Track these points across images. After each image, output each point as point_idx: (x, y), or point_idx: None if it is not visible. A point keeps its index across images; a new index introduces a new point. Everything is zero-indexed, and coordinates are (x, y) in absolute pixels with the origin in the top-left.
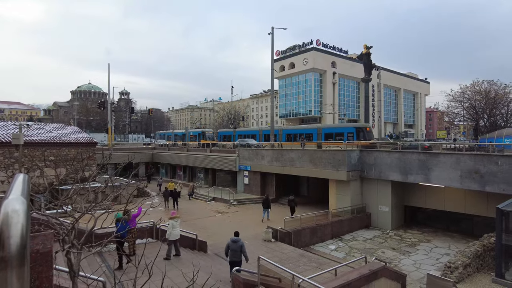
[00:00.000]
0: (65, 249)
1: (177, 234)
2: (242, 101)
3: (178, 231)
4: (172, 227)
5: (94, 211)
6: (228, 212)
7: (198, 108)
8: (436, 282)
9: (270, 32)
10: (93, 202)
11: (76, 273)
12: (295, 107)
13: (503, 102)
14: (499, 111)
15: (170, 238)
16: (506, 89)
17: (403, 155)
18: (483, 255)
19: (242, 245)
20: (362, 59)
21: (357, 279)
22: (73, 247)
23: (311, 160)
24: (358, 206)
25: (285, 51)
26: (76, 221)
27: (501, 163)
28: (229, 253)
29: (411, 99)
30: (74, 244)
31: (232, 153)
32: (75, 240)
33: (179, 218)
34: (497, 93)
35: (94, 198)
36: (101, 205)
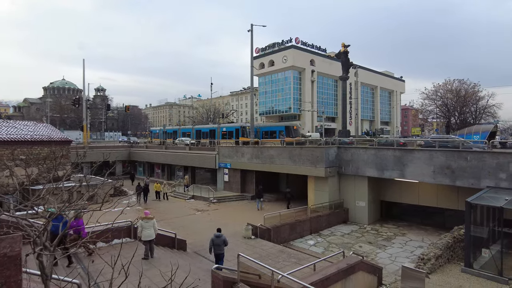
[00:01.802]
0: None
1: (148, 235)
2: (221, 98)
3: (150, 232)
4: (142, 228)
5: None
6: (208, 210)
7: (176, 105)
8: (410, 273)
9: (250, 29)
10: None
11: (48, 276)
12: (275, 105)
13: (472, 100)
14: (469, 109)
15: (142, 238)
16: (475, 88)
17: (379, 151)
18: (453, 247)
19: (225, 239)
20: (340, 57)
21: (335, 274)
22: (45, 249)
23: (291, 157)
24: (336, 202)
25: (265, 49)
26: (48, 222)
27: (470, 158)
28: (213, 247)
29: (387, 97)
30: (46, 246)
31: (212, 151)
32: (48, 242)
33: (151, 219)
34: (467, 92)
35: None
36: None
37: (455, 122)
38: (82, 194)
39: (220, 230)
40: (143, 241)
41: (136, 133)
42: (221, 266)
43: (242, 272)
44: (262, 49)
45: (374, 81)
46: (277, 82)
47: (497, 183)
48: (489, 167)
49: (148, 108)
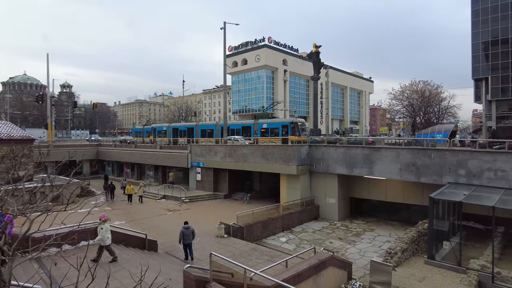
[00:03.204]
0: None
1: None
2: (194, 96)
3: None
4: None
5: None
6: (180, 210)
7: (147, 103)
8: (378, 267)
9: (222, 27)
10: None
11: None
12: (248, 103)
13: (436, 101)
14: (433, 109)
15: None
16: (438, 89)
17: (348, 149)
18: (418, 240)
19: (193, 230)
20: (311, 57)
21: (307, 269)
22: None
23: (263, 155)
24: (308, 199)
25: (238, 47)
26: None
27: (433, 156)
28: (183, 238)
29: (357, 97)
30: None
31: (184, 149)
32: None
33: (106, 222)
34: (431, 93)
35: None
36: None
37: (420, 122)
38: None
39: (187, 223)
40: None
41: (104, 132)
42: (193, 266)
43: (214, 271)
44: (235, 47)
45: (344, 82)
46: (250, 81)
47: (457, 179)
48: (450, 164)
49: (117, 106)
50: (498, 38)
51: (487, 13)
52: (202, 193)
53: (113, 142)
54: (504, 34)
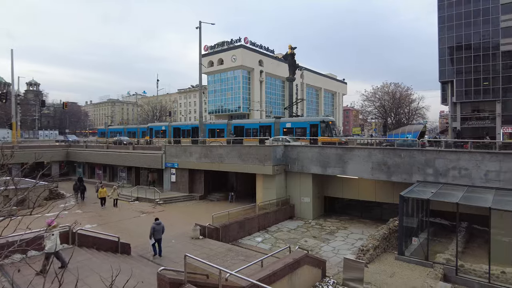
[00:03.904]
0: None
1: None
2: (169, 95)
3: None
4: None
5: None
6: (154, 211)
7: (120, 102)
8: (351, 264)
9: (198, 27)
10: None
11: None
12: (224, 103)
13: (406, 102)
14: (403, 110)
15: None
16: (408, 91)
17: (322, 149)
18: (389, 237)
19: (163, 226)
20: (287, 59)
21: (282, 268)
22: None
23: (240, 155)
24: (283, 199)
25: (214, 47)
26: None
27: (403, 156)
28: (154, 233)
29: (331, 98)
30: None
31: (158, 150)
32: None
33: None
34: (402, 95)
35: None
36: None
37: (391, 122)
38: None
39: (158, 219)
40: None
41: (75, 132)
42: (167, 268)
43: (189, 273)
44: (211, 47)
45: (319, 83)
46: (226, 81)
47: (425, 178)
48: (419, 163)
49: (88, 105)
50: (462, 44)
51: (452, 19)
52: (177, 194)
53: (84, 143)
54: (467, 40)
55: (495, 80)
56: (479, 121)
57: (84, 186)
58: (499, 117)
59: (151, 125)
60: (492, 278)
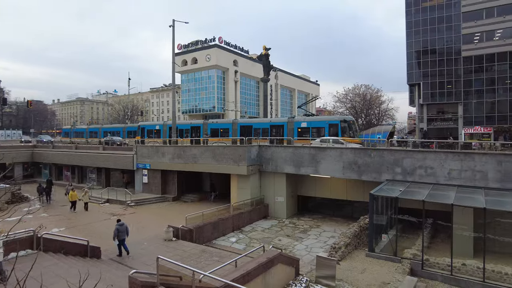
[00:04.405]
0: None
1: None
2: (141, 94)
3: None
4: None
5: None
6: (125, 214)
7: (89, 101)
8: (324, 262)
9: (171, 25)
10: None
11: None
12: (198, 103)
13: (376, 103)
14: (373, 111)
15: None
16: (378, 92)
17: (296, 149)
18: (360, 235)
19: (127, 227)
20: (261, 59)
21: (256, 268)
22: None
23: (214, 156)
24: (257, 198)
25: (188, 46)
26: None
27: (373, 155)
28: (118, 234)
29: (304, 99)
30: None
31: (129, 151)
32: None
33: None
34: (372, 96)
35: None
36: None
37: (362, 123)
38: None
39: (120, 220)
40: None
41: (41, 132)
42: (139, 271)
43: (162, 275)
44: (185, 46)
45: (293, 84)
46: (200, 81)
47: (394, 176)
48: (388, 163)
49: (55, 104)
50: (428, 49)
51: (419, 25)
52: (149, 196)
53: (50, 144)
54: (432, 45)
55: (458, 83)
56: (443, 122)
57: (50, 188)
58: (461, 119)
59: (142, 124)
60: (454, 270)
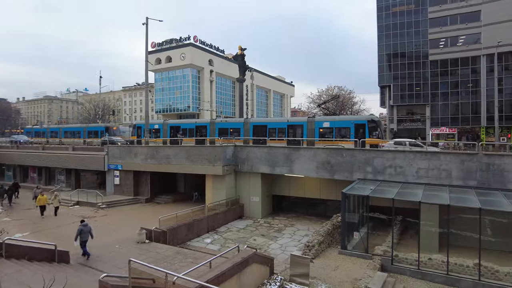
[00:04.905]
0: None
1: None
2: (113, 93)
3: None
4: None
5: None
6: (96, 216)
7: (58, 100)
8: (298, 260)
9: (145, 23)
10: None
11: None
12: (173, 102)
13: (349, 105)
14: (346, 112)
15: None
16: (351, 94)
17: (271, 149)
18: (333, 232)
19: (91, 228)
20: (237, 59)
21: (230, 268)
22: None
23: (188, 156)
24: (233, 199)
25: (162, 44)
26: None
27: (345, 155)
28: (81, 235)
29: (279, 99)
30: None
31: (100, 151)
32: None
33: None
34: (345, 98)
35: None
36: None
37: None
38: None
39: (84, 221)
40: None
41: (4, 131)
42: (111, 274)
43: (134, 278)
44: (159, 44)
45: (268, 85)
46: (174, 80)
47: (365, 175)
48: (359, 162)
49: (20, 102)
50: (398, 52)
51: (390, 29)
52: (121, 197)
53: (13, 144)
54: (402, 49)
55: (425, 86)
56: (412, 123)
57: (13, 190)
58: (428, 120)
59: (138, 123)
60: (420, 265)
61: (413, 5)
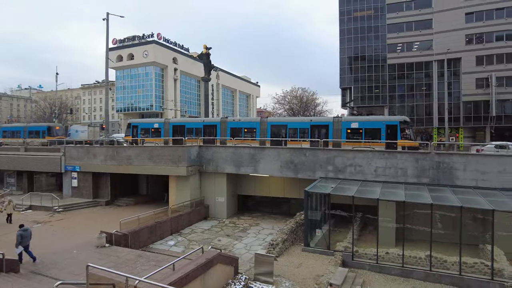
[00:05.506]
0: None
1: None
2: (70, 91)
3: None
4: None
5: None
6: (51, 221)
7: (7, 97)
8: (262, 259)
9: (105, 18)
10: None
11: None
12: (135, 101)
13: (312, 106)
14: (309, 113)
15: None
16: (314, 95)
17: (236, 149)
18: (296, 230)
19: (31, 232)
20: (202, 58)
21: (194, 270)
22: None
23: (151, 157)
24: (197, 200)
25: (123, 41)
26: None
27: (308, 155)
28: (22, 241)
29: (245, 99)
30: None
31: (56, 152)
32: None
33: None
34: (308, 99)
35: None
36: None
37: None
38: None
39: (23, 225)
40: None
41: None
42: (66, 281)
43: (92, 284)
44: (121, 40)
45: (234, 85)
46: (137, 77)
47: (327, 174)
48: (321, 161)
49: None
50: (359, 55)
51: (351, 32)
52: (79, 200)
53: None
54: (363, 52)
55: (384, 88)
56: None
57: None
58: None
59: (134, 121)
60: (379, 259)
61: (373, 11)
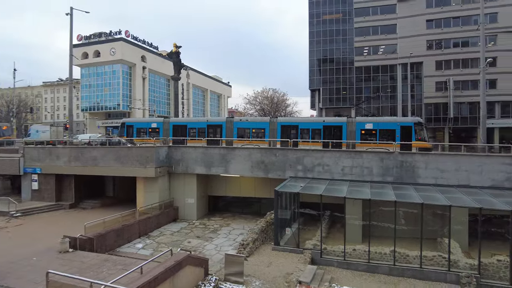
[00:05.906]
0: None
1: None
2: (31, 88)
3: None
4: None
5: None
6: (7, 226)
7: None
8: (232, 259)
9: (69, 13)
10: None
11: None
12: (101, 100)
13: (282, 106)
14: (280, 114)
15: None
16: (284, 96)
17: (206, 150)
18: (266, 230)
19: None
20: (172, 57)
21: (163, 273)
22: None
23: (117, 158)
24: (166, 201)
25: (89, 37)
26: None
27: (278, 155)
28: None
29: (217, 99)
30: None
31: (14, 153)
32: None
33: None
34: (279, 99)
35: None
36: None
37: None
38: None
39: None
40: None
41: None
42: None
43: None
44: (86, 37)
45: (205, 84)
46: (103, 75)
47: (296, 174)
48: (291, 161)
49: None
50: (327, 58)
51: (320, 35)
52: (40, 204)
53: None
54: (331, 55)
55: (351, 90)
56: None
57: None
58: None
59: (128, 121)
60: (346, 256)
61: (341, 15)
